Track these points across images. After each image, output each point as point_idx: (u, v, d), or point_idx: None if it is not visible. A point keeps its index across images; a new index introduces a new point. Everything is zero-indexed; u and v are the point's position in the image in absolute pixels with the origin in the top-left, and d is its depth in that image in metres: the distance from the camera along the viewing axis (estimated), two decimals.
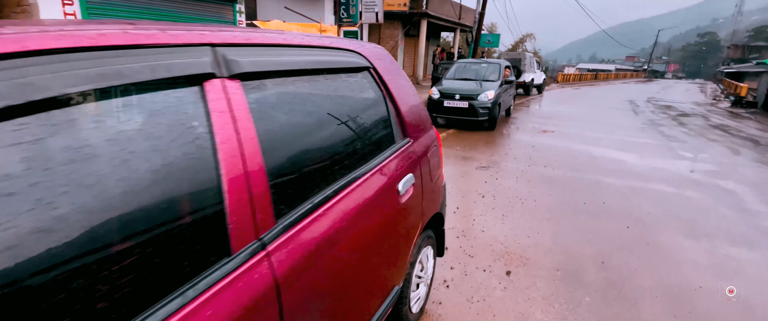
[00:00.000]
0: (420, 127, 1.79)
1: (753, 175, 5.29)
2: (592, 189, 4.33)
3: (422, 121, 1.83)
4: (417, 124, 1.75)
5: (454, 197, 3.89)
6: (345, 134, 1.25)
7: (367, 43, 1.62)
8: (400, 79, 1.70)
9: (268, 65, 0.98)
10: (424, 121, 1.86)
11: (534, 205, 3.75)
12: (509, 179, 4.58)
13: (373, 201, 1.27)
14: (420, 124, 1.80)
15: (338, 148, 1.20)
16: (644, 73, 60.06)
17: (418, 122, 1.77)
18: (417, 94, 1.87)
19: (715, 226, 3.47)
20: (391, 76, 1.62)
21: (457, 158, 5.46)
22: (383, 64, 1.60)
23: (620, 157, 5.90)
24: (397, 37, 17.97)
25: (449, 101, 7.69)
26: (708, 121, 11.14)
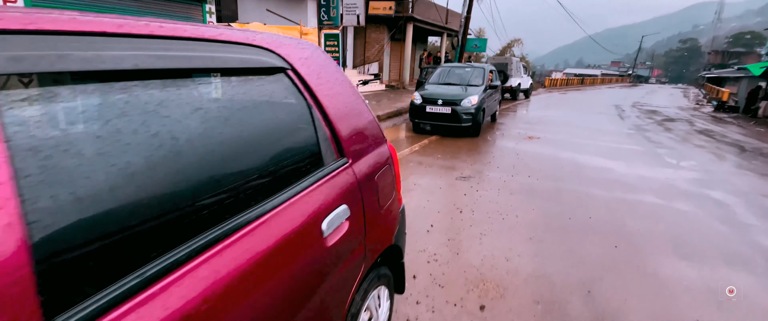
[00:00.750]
0: (365, 143, 1.46)
1: (741, 184, 5.09)
2: (578, 201, 4.05)
3: (369, 136, 1.50)
4: (360, 140, 1.42)
5: (430, 213, 3.57)
6: (227, 161, 0.91)
7: (287, 37, 1.29)
8: (335, 84, 1.37)
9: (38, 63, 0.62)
10: (371, 135, 1.52)
11: (515, 221, 3.45)
12: (491, 191, 4.28)
13: (275, 253, 0.93)
14: (365, 140, 1.46)
15: (209, 184, 0.86)
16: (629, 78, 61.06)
17: (361, 137, 1.43)
18: (362, 102, 1.54)
19: (708, 244, 3.21)
20: (320, 80, 1.29)
21: (437, 167, 5.15)
22: (309, 65, 1.27)
23: (607, 166, 5.66)
24: (383, 41, 17.71)
25: (432, 107, 7.40)
26: (693, 126, 11.09)
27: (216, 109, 0.92)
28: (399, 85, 17.98)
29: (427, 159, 5.63)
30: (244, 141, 0.96)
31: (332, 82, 1.36)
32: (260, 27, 11.72)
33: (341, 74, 1.47)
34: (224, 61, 0.96)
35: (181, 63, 0.85)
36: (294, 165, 1.10)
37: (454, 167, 5.20)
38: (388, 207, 1.60)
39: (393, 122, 9.11)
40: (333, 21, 9.42)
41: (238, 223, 0.87)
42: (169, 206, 0.76)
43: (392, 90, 16.57)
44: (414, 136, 7.44)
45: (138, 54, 0.75)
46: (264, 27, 11.97)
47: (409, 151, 6.06)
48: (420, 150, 6.23)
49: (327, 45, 9.63)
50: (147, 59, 0.77)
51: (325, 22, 9.48)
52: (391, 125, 8.69)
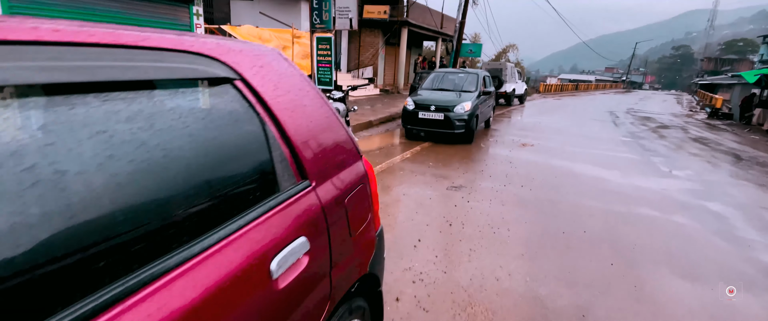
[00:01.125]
0: (333, 161, 1.29)
1: (739, 195, 4.98)
2: (573, 214, 3.91)
3: (339, 153, 1.34)
4: (327, 159, 1.25)
5: (418, 226, 3.40)
6: (140, 197, 0.74)
7: (239, 41, 1.12)
8: (299, 96, 1.20)
9: None
10: (342, 152, 1.36)
11: (507, 236, 3.29)
12: (482, 202, 4.13)
13: (202, 308, 0.75)
14: (334, 158, 1.30)
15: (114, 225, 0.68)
16: (623, 84, 61.50)
17: (328, 155, 1.27)
18: (333, 115, 1.37)
19: (708, 261, 3.07)
20: (279, 92, 1.12)
21: (428, 176, 4.99)
22: (265, 74, 1.10)
23: (602, 175, 5.54)
24: (377, 45, 17.61)
25: (424, 113, 7.26)
26: (687, 134, 11.04)
27: (128, 131, 0.75)
28: (393, 90, 17.86)
29: (418, 167, 5.47)
30: (165, 170, 0.79)
31: (294, 94, 1.20)
32: (253, 30, 11.56)
33: (307, 84, 1.30)
34: (148, 71, 0.80)
35: (81, 75, 0.68)
36: (237, 194, 0.93)
37: (445, 176, 5.04)
38: (362, 232, 1.43)
39: (386, 127, 8.96)
40: (325, 24, 9.24)
41: (152, 274, 0.69)
42: (59, 254, 0.59)
43: (386, 94, 16.45)
44: (406, 142, 7.29)
45: (16, 65, 0.59)
46: (256, 30, 11.82)
47: (400, 159, 5.90)
48: (411, 157, 6.07)
49: (319, 49, 9.46)
50: (26, 72, 0.60)
51: (318, 25, 9.30)
52: (384, 131, 8.53)
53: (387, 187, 4.48)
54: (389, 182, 4.66)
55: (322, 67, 9.59)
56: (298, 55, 11.04)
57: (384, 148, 6.64)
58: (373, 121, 9.04)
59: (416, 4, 17.19)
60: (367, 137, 7.69)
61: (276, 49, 1.27)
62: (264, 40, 11.19)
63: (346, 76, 15.75)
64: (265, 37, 11.23)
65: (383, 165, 5.44)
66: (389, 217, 3.57)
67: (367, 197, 1.49)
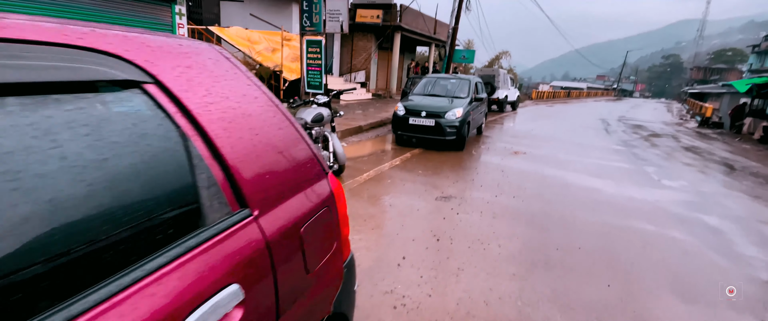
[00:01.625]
0: (287, 182, 1.07)
1: (736, 208, 4.84)
2: (566, 227, 3.72)
3: (295, 172, 1.12)
4: (278, 180, 1.04)
5: (404, 241, 3.18)
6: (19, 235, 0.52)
7: (158, 35, 0.90)
8: (237, 103, 0.99)
9: None
10: (299, 171, 1.14)
11: (498, 252, 3.09)
12: (473, 213, 3.93)
13: None
14: (288, 179, 1.08)
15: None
16: (614, 92, 62.15)
17: (280, 176, 1.05)
18: (290, 125, 1.16)
19: (710, 282, 2.89)
20: (212, 98, 0.91)
21: (417, 185, 4.78)
22: (191, 76, 0.88)
23: (595, 185, 5.38)
24: (370, 50, 17.45)
25: (415, 118, 7.07)
26: (679, 143, 11.00)
27: None
28: (386, 95, 17.70)
29: (407, 175, 5.27)
30: (36, 206, 0.57)
31: (235, 101, 0.98)
32: (241, 32, 11.33)
33: (256, 89, 1.09)
34: (20, 71, 0.58)
35: None
36: (136, 235, 0.71)
37: (435, 185, 4.84)
38: (325, 265, 1.21)
39: (376, 133, 8.75)
40: (315, 27, 9.04)
41: None
42: None
43: (379, 99, 16.27)
44: (396, 148, 7.09)
45: None
46: (246, 31, 11.59)
47: (389, 166, 5.69)
48: (401, 164, 5.86)
49: (309, 52, 9.25)
50: None
51: (308, 28, 9.09)
52: (374, 136, 8.32)
53: (373, 196, 4.26)
54: (376, 191, 4.44)
55: (312, 70, 9.38)
56: (288, 58, 10.82)
57: (373, 155, 6.42)
58: (363, 126, 8.83)
59: (409, 9, 17.08)
60: (356, 143, 7.47)
61: (214, 46, 1.06)
62: (253, 42, 10.96)
63: (338, 80, 15.54)
64: (254, 39, 11.00)
65: (371, 172, 5.23)
66: (373, 231, 3.35)
67: (332, 222, 1.28)
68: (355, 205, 3.97)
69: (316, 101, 4.40)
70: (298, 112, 4.16)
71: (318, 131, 4.18)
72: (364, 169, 5.40)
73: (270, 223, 0.97)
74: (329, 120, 4.46)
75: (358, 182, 4.75)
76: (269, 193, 0.99)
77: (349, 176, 4.97)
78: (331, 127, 4.85)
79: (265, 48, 10.89)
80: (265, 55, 10.54)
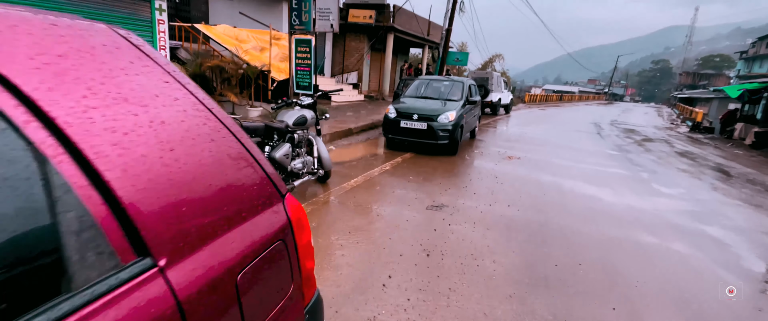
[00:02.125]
0: (219, 213, 0.80)
1: (737, 217, 4.67)
2: (565, 241, 3.49)
3: (234, 198, 0.85)
4: (202, 212, 0.76)
5: (390, 257, 2.91)
6: None
7: (5, 6, 0.63)
8: (142, 106, 0.72)
9: None
10: (241, 195, 0.87)
11: (492, 270, 2.83)
12: (465, 225, 3.68)
13: None
14: (221, 208, 0.81)
15: None
16: (605, 96, 62.67)
17: (207, 205, 0.78)
18: (228, 134, 0.89)
19: (721, 303, 2.67)
20: (86, 99, 0.63)
21: (407, 192, 4.52)
22: (55, 68, 0.62)
23: (592, 193, 5.17)
24: (362, 51, 17.19)
25: (407, 122, 6.81)
26: (672, 148, 10.91)
27: None
28: (378, 96, 17.45)
29: (398, 181, 5.00)
30: None
31: (137, 103, 0.71)
32: (229, 30, 10.98)
33: (175, 85, 0.82)
34: None
35: None
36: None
37: (426, 192, 4.58)
38: (277, 315, 0.94)
39: (367, 136, 8.48)
40: (305, 26, 8.75)
41: None
42: None
43: (371, 101, 16.01)
44: (387, 152, 6.83)
45: None
46: (234, 30, 11.25)
47: (379, 171, 5.43)
48: (391, 170, 5.60)
49: (298, 51, 8.95)
50: None
51: (297, 26, 8.80)
52: (365, 139, 8.06)
53: (360, 205, 3.99)
54: (364, 199, 4.17)
55: (301, 70, 9.09)
56: (277, 58, 10.51)
57: (362, 159, 6.15)
58: (353, 128, 8.56)
59: (403, 10, 16.87)
60: (345, 146, 7.20)
61: (114, 28, 0.78)
62: (241, 41, 10.63)
63: (329, 81, 15.26)
64: (242, 38, 10.67)
65: (359, 178, 4.96)
66: (358, 245, 3.08)
67: (289, 259, 1.00)
68: (340, 215, 3.70)
69: (299, 102, 4.12)
70: (279, 114, 3.87)
71: (301, 135, 3.90)
72: (352, 174, 5.13)
73: (185, 274, 0.70)
74: (314, 123, 4.18)
75: (344, 189, 4.48)
76: (186, 233, 0.72)
77: (336, 183, 4.69)
78: (317, 131, 4.57)
79: (253, 47, 10.56)
80: (253, 54, 10.21)
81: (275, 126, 3.37)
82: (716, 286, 2.90)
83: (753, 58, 41.56)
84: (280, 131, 3.45)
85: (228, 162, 0.87)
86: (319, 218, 3.57)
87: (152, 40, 6.27)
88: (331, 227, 3.38)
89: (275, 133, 3.38)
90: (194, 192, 0.76)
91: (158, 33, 6.29)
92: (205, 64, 8.71)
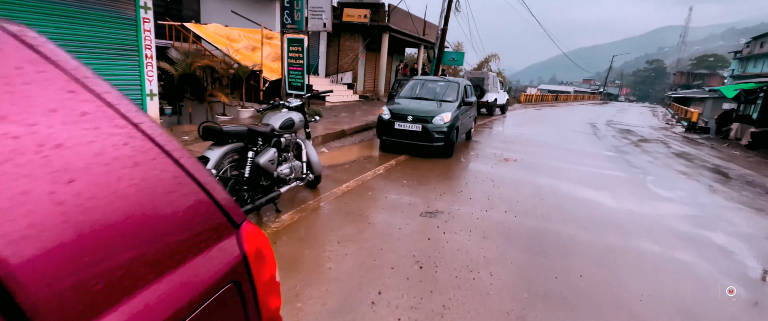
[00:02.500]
0: (132, 261, 0.62)
1: (740, 223, 4.53)
2: (565, 250, 3.33)
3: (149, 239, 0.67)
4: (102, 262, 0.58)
5: (381, 270, 2.74)
6: None
7: None
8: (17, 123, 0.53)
9: None
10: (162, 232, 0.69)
11: (489, 283, 2.67)
12: (461, 233, 3.51)
13: None
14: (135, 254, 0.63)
15: None
16: (600, 96, 62.85)
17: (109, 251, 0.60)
18: (148, 152, 0.71)
19: (729, 318, 2.52)
20: None
21: (401, 197, 4.35)
22: None
23: (591, 197, 5.02)
24: (357, 50, 17.00)
25: (401, 123, 6.63)
26: (669, 148, 10.82)
27: None
28: (373, 97, 17.27)
29: (391, 185, 4.83)
30: None
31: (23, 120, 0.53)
32: (219, 28, 10.75)
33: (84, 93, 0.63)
34: None
35: None
36: None
37: (420, 197, 4.41)
38: None
39: (360, 138, 8.31)
40: (297, 25, 8.54)
41: None
42: None
43: (366, 101, 15.83)
44: (381, 155, 6.65)
45: None
46: (225, 29, 11.02)
47: (372, 175, 5.25)
48: (385, 173, 5.43)
49: (290, 51, 8.75)
50: None
51: (289, 25, 8.59)
52: (358, 141, 7.88)
53: (350, 212, 3.81)
54: (355, 206, 3.99)
55: (294, 70, 8.89)
56: (269, 57, 10.30)
57: (355, 162, 5.97)
58: (346, 130, 8.38)
59: (398, 9, 16.69)
60: (338, 148, 7.02)
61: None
62: (232, 40, 10.41)
63: (324, 82, 15.05)
64: (233, 37, 10.45)
65: (351, 183, 4.78)
66: (346, 257, 2.90)
67: (242, 304, 0.82)
68: (329, 223, 3.52)
69: (287, 104, 3.93)
70: (265, 117, 3.68)
71: (288, 139, 3.72)
72: (343, 179, 4.95)
73: None
74: (302, 125, 3.99)
75: (335, 195, 4.30)
76: (87, 292, 0.54)
77: (327, 188, 4.51)
78: (306, 134, 4.38)
79: (244, 46, 10.34)
80: (244, 53, 9.99)
81: (259, 130, 3.18)
82: (725, 299, 2.75)
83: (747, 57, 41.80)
84: (264, 135, 3.26)
85: (157, 191, 0.69)
86: (307, 227, 3.39)
87: (137, 39, 6.05)
88: (318, 237, 3.20)
89: (259, 137, 3.19)
90: (103, 236, 0.58)
91: (143, 32, 6.06)
92: (196, 64, 8.49)
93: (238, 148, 3.01)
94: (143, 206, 0.66)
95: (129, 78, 6.08)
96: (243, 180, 3.04)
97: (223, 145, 2.86)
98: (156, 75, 6.51)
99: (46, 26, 4.95)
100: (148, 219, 0.66)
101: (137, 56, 6.09)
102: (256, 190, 3.23)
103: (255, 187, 3.21)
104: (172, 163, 0.73)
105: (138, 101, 6.28)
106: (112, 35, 5.71)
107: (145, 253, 0.64)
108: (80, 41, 5.34)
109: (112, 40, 5.73)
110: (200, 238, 0.75)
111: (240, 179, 3.04)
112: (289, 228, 3.32)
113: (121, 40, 5.84)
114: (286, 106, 3.91)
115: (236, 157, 3.05)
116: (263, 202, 3.24)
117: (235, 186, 3.04)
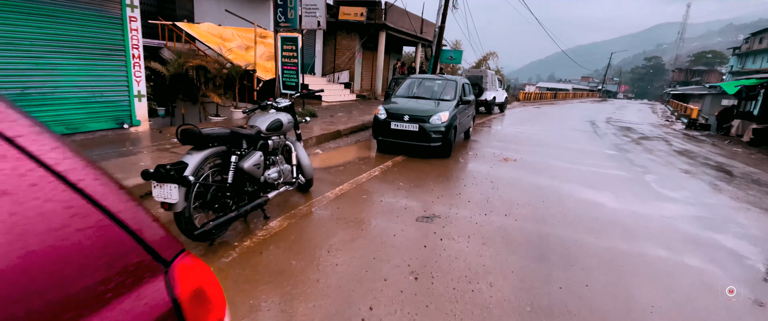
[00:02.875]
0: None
1: (749, 224, 4.36)
2: (569, 257, 3.15)
3: (41, 286, 0.49)
4: None
5: (373, 281, 2.56)
6: None
7: None
8: None
9: None
10: (53, 279, 0.51)
11: (489, 295, 2.49)
12: (459, 239, 3.33)
13: None
14: (15, 310, 0.45)
15: None
16: (599, 93, 62.71)
17: None
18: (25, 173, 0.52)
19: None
20: None
21: (397, 200, 4.17)
22: None
23: (594, 198, 4.85)
24: (354, 49, 16.81)
25: (397, 123, 6.45)
26: (671, 146, 10.66)
27: None
28: (370, 96, 17.08)
29: (387, 188, 4.65)
30: None
31: None
32: (212, 28, 10.55)
33: None
34: None
35: None
36: None
37: (417, 200, 4.24)
38: None
39: (356, 138, 8.13)
40: (291, 23, 8.36)
41: None
42: None
43: (363, 100, 15.64)
44: (377, 156, 6.47)
45: None
46: (219, 28, 10.81)
47: (367, 177, 5.07)
48: (380, 175, 5.25)
49: (284, 49, 8.56)
50: None
51: (282, 24, 8.40)
52: (354, 141, 7.70)
53: (343, 218, 3.63)
54: (348, 211, 3.81)
55: (288, 69, 8.71)
56: (263, 57, 10.10)
57: (351, 164, 5.80)
58: (342, 130, 8.19)
59: (395, 7, 16.50)
60: (333, 149, 6.84)
61: None
62: (225, 39, 10.21)
63: (320, 81, 14.86)
64: (226, 36, 10.25)
65: (345, 185, 4.60)
66: (336, 268, 2.72)
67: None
68: (320, 230, 3.34)
69: (275, 105, 3.74)
70: (250, 118, 3.50)
71: (276, 141, 3.53)
72: (337, 181, 4.77)
73: None
74: (292, 127, 3.81)
75: (328, 199, 4.12)
76: None
77: (320, 191, 4.33)
78: (297, 135, 4.20)
79: (238, 45, 10.14)
80: (237, 52, 9.80)
81: (243, 132, 2.99)
82: (740, 309, 2.58)
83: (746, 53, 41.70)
84: (249, 138, 3.08)
85: (40, 229, 0.50)
86: (297, 234, 3.21)
87: (124, 39, 5.85)
88: (307, 245, 3.02)
89: (244, 140, 3.00)
90: None
91: (130, 31, 5.87)
92: (188, 64, 8.31)
93: (221, 152, 2.82)
94: (20, 251, 0.48)
95: (116, 79, 5.89)
96: (226, 186, 2.85)
97: (204, 149, 2.67)
98: (144, 76, 6.31)
99: (27, 26, 4.76)
100: (27, 267, 0.48)
101: (124, 56, 5.89)
102: (241, 196, 3.05)
103: (240, 193, 3.03)
104: (64, 190, 0.55)
105: (126, 103, 6.10)
106: (96, 35, 5.51)
107: (19, 316, 0.46)
108: (63, 41, 5.15)
109: (97, 40, 5.54)
110: (108, 285, 0.57)
111: (223, 185, 2.86)
112: (277, 236, 3.14)
113: (106, 40, 5.65)
114: (273, 106, 3.73)
115: (219, 162, 2.87)
116: (248, 209, 3.06)
117: (218, 193, 2.85)
